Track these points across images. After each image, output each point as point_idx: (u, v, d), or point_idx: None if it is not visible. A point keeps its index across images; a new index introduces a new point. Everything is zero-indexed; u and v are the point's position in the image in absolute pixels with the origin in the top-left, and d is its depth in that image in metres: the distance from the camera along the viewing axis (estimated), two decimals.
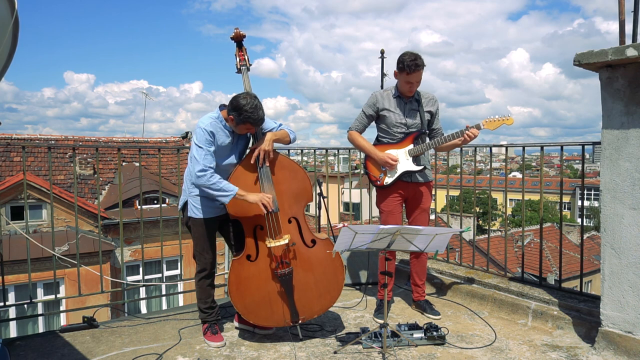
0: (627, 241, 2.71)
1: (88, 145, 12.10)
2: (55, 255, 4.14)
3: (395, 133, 3.47)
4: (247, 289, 3.04)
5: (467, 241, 15.03)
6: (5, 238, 9.46)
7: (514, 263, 19.65)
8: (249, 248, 3.05)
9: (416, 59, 3.25)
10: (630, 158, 2.67)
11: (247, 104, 2.84)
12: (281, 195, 3.05)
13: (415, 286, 3.71)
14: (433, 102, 3.54)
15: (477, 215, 25.36)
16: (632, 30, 2.91)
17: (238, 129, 2.98)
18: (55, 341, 3.21)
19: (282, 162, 3.12)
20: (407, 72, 3.27)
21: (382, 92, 3.52)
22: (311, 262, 3.11)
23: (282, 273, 3.02)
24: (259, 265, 3.05)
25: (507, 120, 3.27)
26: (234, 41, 3.29)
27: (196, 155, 2.91)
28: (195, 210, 3.08)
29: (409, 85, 3.35)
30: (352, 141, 3.62)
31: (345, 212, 8.12)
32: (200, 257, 3.14)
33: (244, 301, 3.05)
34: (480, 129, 3.29)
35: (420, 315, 3.63)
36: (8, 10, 1.92)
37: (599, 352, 2.83)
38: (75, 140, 13.15)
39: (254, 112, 2.85)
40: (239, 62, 3.25)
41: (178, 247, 4.19)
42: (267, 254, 3.04)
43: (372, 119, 3.56)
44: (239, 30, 3.28)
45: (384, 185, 3.49)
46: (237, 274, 3.04)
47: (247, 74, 3.24)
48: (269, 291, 3.05)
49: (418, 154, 3.43)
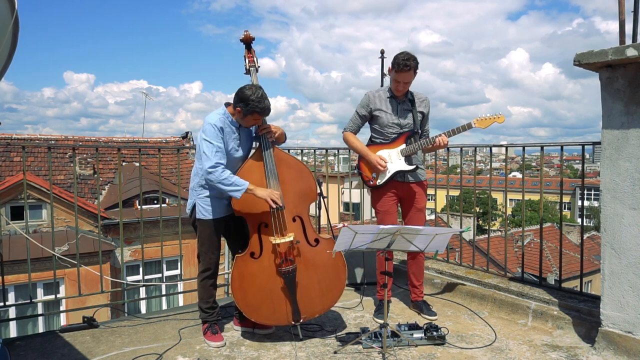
0: (627, 241, 2.71)
1: (88, 145, 12.11)
2: (55, 255, 4.14)
3: (388, 133, 3.48)
4: (250, 286, 3.04)
5: (467, 241, 15.02)
6: (5, 238, 9.46)
7: (514, 263, 19.64)
8: (253, 245, 3.06)
9: (409, 59, 3.25)
10: (630, 158, 2.67)
11: (253, 94, 2.89)
12: (287, 193, 3.08)
13: (413, 287, 3.72)
14: (426, 103, 3.56)
15: (477, 215, 25.36)
16: (632, 30, 2.91)
17: (245, 121, 3.00)
18: (55, 341, 3.21)
19: (288, 160, 3.15)
20: (396, 70, 3.28)
21: (376, 93, 3.53)
22: (314, 261, 3.13)
23: (286, 270, 3.02)
24: (262, 263, 3.05)
25: (498, 119, 3.31)
26: (243, 43, 3.33)
27: (206, 151, 2.91)
28: (203, 212, 3.08)
29: (397, 84, 3.36)
30: (346, 142, 3.65)
31: (345, 212, 8.12)
32: (205, 256, 3.14)
33: (246, 298, 3.05)
34: (472, 128, 3.32)
35: (420, 315, 3.63)
36: (8, 10, 1.92)
37: (599, 352, 2.83)
38: (75, 140, 13.16)
39: (260, 102, 2.90)
40: (248, 64, 3.30)
41: (178, 247, 4.19)
42: (271, 251, 3.05)
43: (365, 120, 3.58)
44: (248, 33, 3.32)
45: (377, 185, 3.51)
46: (241, 271, 3.04)
47: (256, 74, 3.29)
48: (272, 289, 3.06)
49: (410, 153, 3.45)
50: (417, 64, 3.29)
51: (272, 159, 3.07)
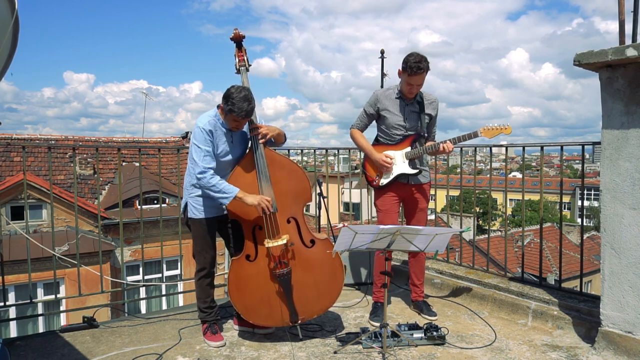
0: (627, 241, 2.71)
1: (88, 145, 12.12)
2: (55, 255, 4.14)
3: (393, 135, 3.47)
4: (247, 288, 3.04)
5: (467, 241, 15.02)
6: (5, 238, 9.46)
7: (514, 263, 19.63)
8: (248, 248, 3.05)
9: (420, 61, 3.22)
10: (630, 158, 2.67)
11: (235, 92, 2.84)
12: (280, 195, 3.05)
13: (414, 286, 3.72)
14: (434, 105, 3.52)
15: (477, 215, 25.36)
16: (632, 30, 2.91)
17: (226, 120, 2.95)
18: (55, 341, 3.21)
19: (281, 161, 3.11)
20: (409, 73, 3.25)
21: (384, 92, 3.50)
22: (310, 262, 3.11)
23: (280, 273, 3.01)
24: (258, 265, 3.05)
25: (505, 130, 3.26)
26: (234, 42, 3.28)
27: (195, 156, 2.91)
28: (195, 211, 3.08)
29: (409, 87, 3.34)
30: (353, 139, 3.64)
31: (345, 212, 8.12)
32: (200, 256, 3.14)
33: (243, 301, 3.05)
34: (478, 137, 3.29)
35: (420, 316, 3.63)
36: (8, 10, 1.92)
37: (599, 352, 2.83)
38: (75, 140, 13.16)
39: (239, 102, 2.82)
40: (238, 63, 3.24)
41: (178, 247, 4.19)
42: (266, 254, 3.04)
43: (372, 118, 3.56)
44: (238, 31, 3.26)
45: (380, 186, 3.51)
46: (237, 274, 3.04)
47: (246, 74, 3.23)
48: (268, 291, 3.05)
49: (414, 157, 3.43)
50: (428, 65, 3.26)
51: (263, 160, 3.02)
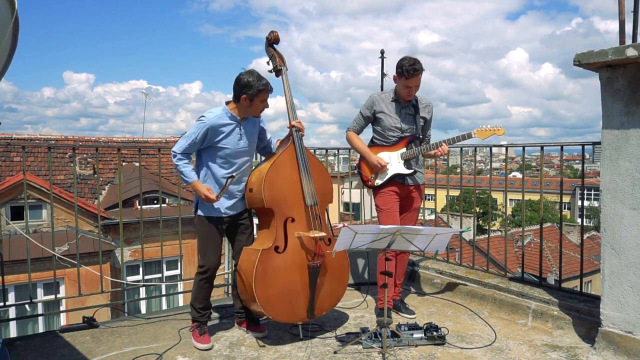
0: (627, 241, 2.71)
1: (88, 145, 12.10)
2: (55, 255, 4.13)
3: (389, 136, 3.52)
4: (273, 280, 3.02)
5: (467, 241, 15.02)
6: (5, 238, 9.46)
7: (514, 263, 19.64)
8: (278, 239, 3.06)
9: (414, 63, 3.30)
10: (630, 158, 2.67)
11: (248, 76, 2.97)
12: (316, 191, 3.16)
13: (394, 286, 3.74)
14: (429, 109, 3.59)
15: (477, 215, 25.37)
16: (632, 30, 2.91)
17: (254, 106, 3.04)
18: (55, 341, 3.21)
19: (313, 160, 3.23)
20: (406, 76, 3.32)
21: (380, 95, 3.56)
22: (328, 259, 3.18)
23: (314, 265, 3.08)
24: (286, 258, 3.06)
25: (498, 131, 3.36)
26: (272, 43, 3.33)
27: (182, 138, 3.04)
28: (203, 208, 3.09)
29: (408, 90, 3.40)
30: (349, 141, 3.70)
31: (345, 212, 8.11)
32: (204, 256, 3.14)
33: (267, 292, 2.99)
34: (472, 137, 3.37)
35: (420, 315, 3.63)
36: (8, 10, 1.92)
37: (599, 352, 2.83)
38: (75, 140, 13.16)
39: (261, 79, 2.99)
40: (279, 64, 3.29)
41: (178, 247, 4.19)
42: (296, 246, 3.08)
43: (369, 121, 3.62)
44: (276, 33, 3.33)
45: (375, 186, 3.55)
46: (265, 265, 3.00)
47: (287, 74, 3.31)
48: (293, 284, 3.08)
49: (410, 157, 3.49)
50: (422, 65, 3.35)
51: (305, 155, 3.15)
